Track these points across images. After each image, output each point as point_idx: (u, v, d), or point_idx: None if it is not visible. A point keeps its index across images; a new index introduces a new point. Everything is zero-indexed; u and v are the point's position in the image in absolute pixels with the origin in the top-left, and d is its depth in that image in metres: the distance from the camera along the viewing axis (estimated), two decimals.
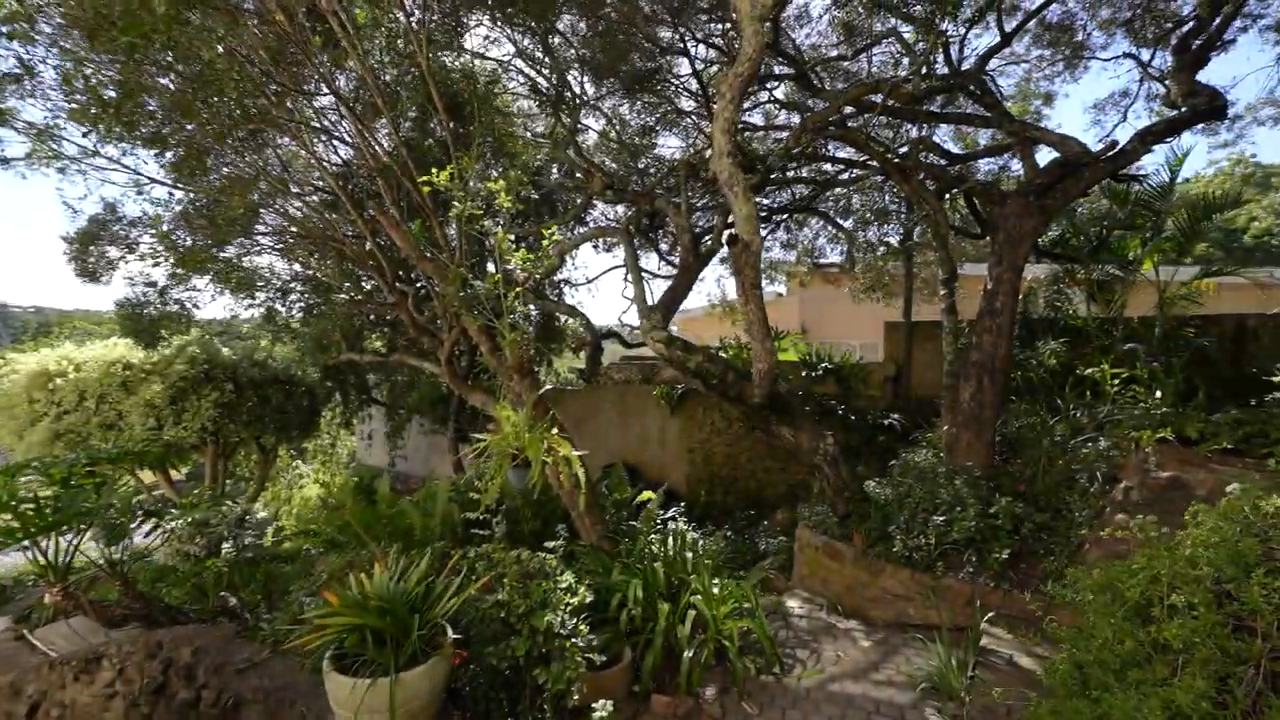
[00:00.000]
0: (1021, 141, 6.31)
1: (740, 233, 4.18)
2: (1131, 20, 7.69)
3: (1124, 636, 1.56)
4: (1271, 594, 1.37)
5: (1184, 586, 1.54)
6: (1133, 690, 1.46)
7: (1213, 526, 1.69)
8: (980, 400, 5.52)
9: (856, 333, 14.61)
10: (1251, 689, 1.31)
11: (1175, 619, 1.51)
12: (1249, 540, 1.53)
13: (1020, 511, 4.49)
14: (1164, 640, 1.50)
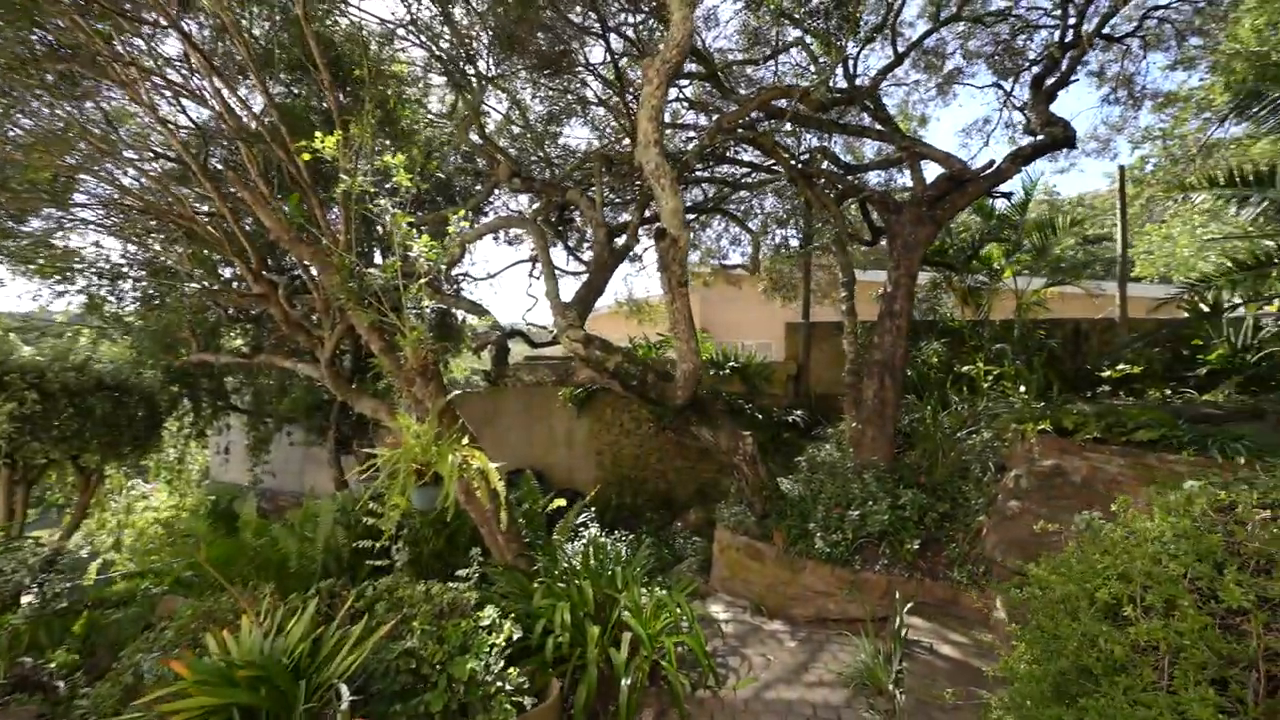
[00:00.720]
0: (911, 156, 6.78)
1: (668, 227, 3.98)
2: (993, 54, 8.61)
3: (1108, 640, 1.55)
4: (1250, 590, 1.40)
5: (1157, 586, 1.56)
6: (1121, 696, 1.44)
7: (1168, 522, 1.74)
8: (882, 397, 5.82)
9: (756, 333, 15.17)
10: (1257, 693, 1.32)
11: (1152, 620, 1.51)
12: (1213, 537, 1.58)
13: (924, 502, 4.76)
14: (1147, 642, 1.51)
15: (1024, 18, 7.86)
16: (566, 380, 5.58)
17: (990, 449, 5.21)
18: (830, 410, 8.89)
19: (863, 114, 7.58)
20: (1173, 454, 3.76)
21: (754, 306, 13.95)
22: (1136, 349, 7.06)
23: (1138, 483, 3.82)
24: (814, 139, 8.57)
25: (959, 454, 5.34)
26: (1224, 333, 7.16)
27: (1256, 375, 6.90)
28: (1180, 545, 1.60)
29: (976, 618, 3.99)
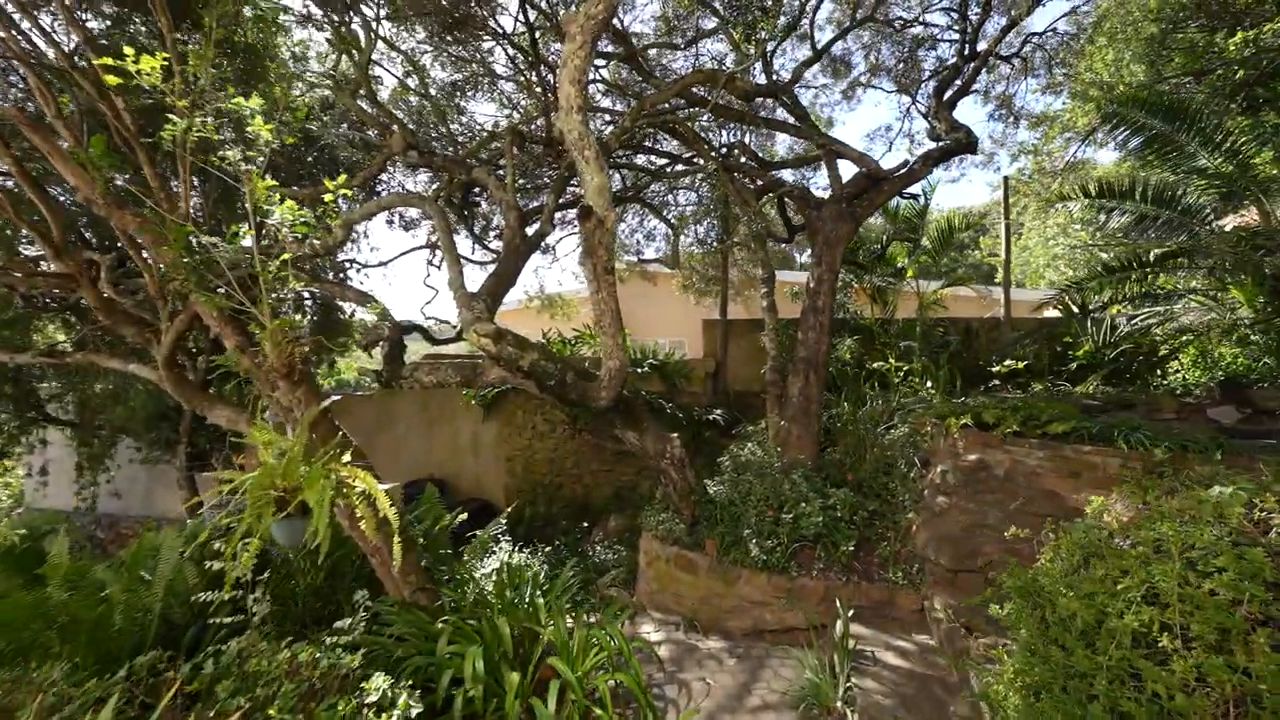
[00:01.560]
0: (828, 154, 6.81)
1: (594, 205, 3.51)
2: (896, 66, 8.99)
3: (1154, 681, 1.31)
4: None
5: (1201, 612, 1.35)
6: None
7: (1197, 534, 1.55)
8: (807, 394, 5.74)
9: (670, 330, 15.06)
10: None
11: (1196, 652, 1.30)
12: (1256, 552, 1.40)
13: (854, 501, 4.67)
14: (1197, 684, 1.29)
15: (925, 33, 8.25)
16: (474, 381, 4.92)
17: (910, 444, 5.26)
18: (748, 408, 8.85)
19: (779, 109, 7.55)
20: (1086, 445, 3.88)
21: (668, 303, 13.80)
22: (1024, 346, 7.62)
23: (1056, 475, 3.92)
24: (732, 134, 8.49)
25: (881, 450, 5.35)
26: (1089, 331, 7.92)
27: (1117, 369, 7.68)
28: (1222, 561, 1.42)
29: (912, 619, 3.91)
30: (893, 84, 9.22)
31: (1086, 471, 3.83)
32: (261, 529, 2.56)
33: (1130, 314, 7.62)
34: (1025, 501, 3.93)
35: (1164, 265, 6.94)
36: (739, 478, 5.64)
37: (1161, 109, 6.15)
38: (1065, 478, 3.88)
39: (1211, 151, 5.93)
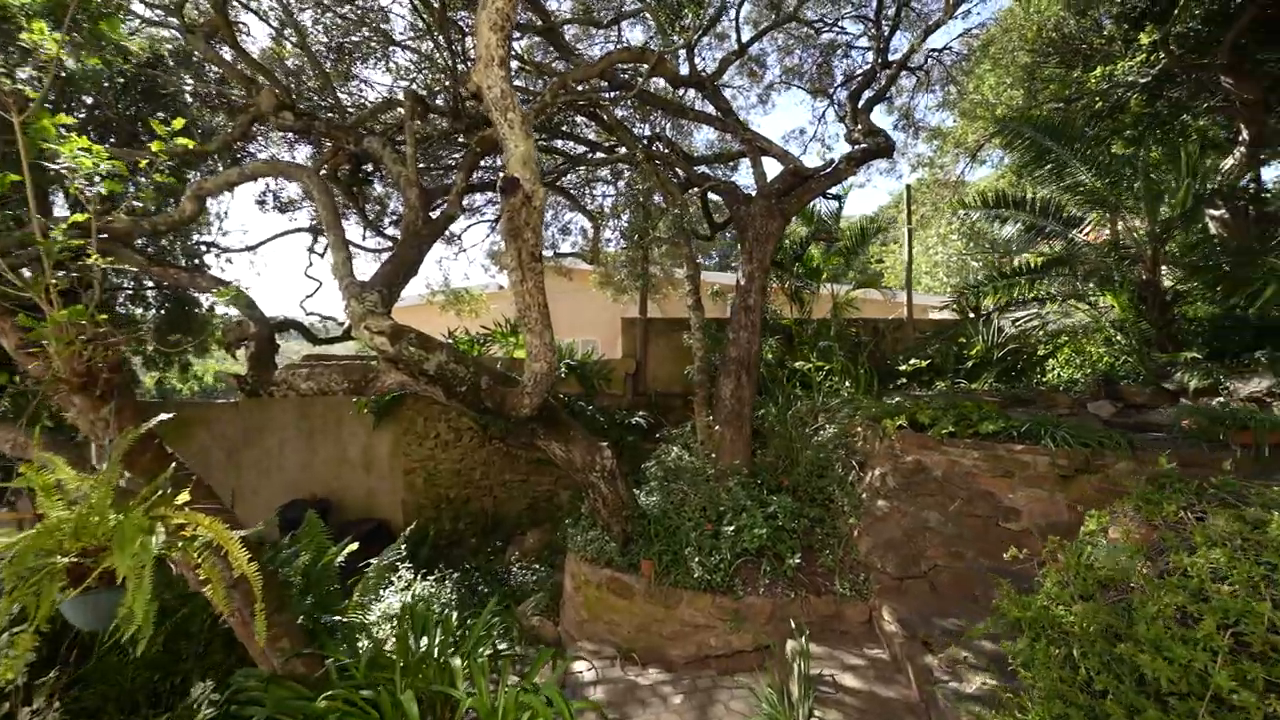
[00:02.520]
0: (753, 150, 6.65)
1: (519, 177, 2.94)
2: (811, 70, 9.14)
3: None
4: None
5: None
6: None
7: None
8: (740, 396, 5.51)
9: (586, 329, 14.54)
10: None
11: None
12: None
13: (794, 508, 4.47)
14: None
15: (839, 40, 8.43)
16: (366, 388, 4.13)
17: (842, 445, 5.19)
18: (669, 410, 8.58)
19: (702, 104, 7.33)
20: (1017, 444, 3.93)
21: (584, 300, 13.26)
22: (933, 346, 7.99)
23: (991, 475, 3.93)
24: (655, 126, 8.16)
25: (814, 452, 5.23)
26: (981, 332, 8.48)
27: (1006, 367, 8.28)
28: None
29: (861, 630, 3.74)
30: (808, 88, 9.39)
31: (1019, 471, 3.87)
32: (40, 616, 1.76)
33: (1016, 316, 8.26)
34: (964, 503, 3.91)
35: (1047, 272, 7.56)
36: (670, 486, 5.28)
37: (1048, 128, 6.64)
38: (999, 477, 3.90)
39: (1088, 169, 6.45)
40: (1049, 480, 3.82)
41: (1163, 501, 1.79)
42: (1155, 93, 8.54)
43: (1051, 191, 7.01)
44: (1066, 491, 3.81)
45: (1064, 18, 9.13)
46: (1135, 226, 6.62)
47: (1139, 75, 8.14)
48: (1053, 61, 9.67)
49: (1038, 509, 3.77)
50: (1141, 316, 6.34)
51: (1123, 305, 6.75)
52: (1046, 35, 9.59)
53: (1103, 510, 2.04)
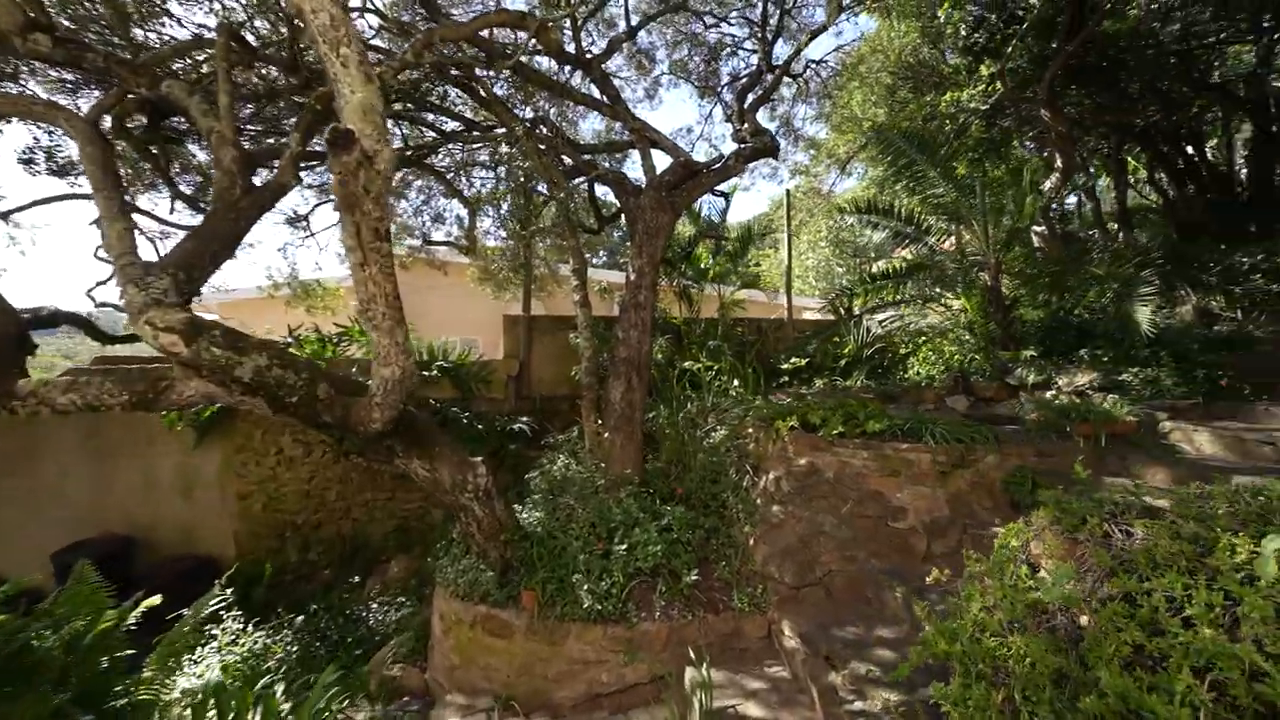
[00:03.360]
0: (642, 141, 6.35)
1: (356, 131, 2.30)
2: (698, 68, 9.09)
3: None
4: None
5: None
6: None
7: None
8: (630, 400, 5.15)
9: (463, 327, 13.49)
10: None
11: None
12: None
13: (689, 518, 4.19)
14: None
15: (726, 39, 8.43)
16: (156, 401, 3.17)
17: (734, 448, 5.04)
18: (555, 414, 8.06)
19: (591, 86, 6.90)
20: (902, 443, 3.97)
21: (461, 297, 12.26)
22: (812, 345, 8.27)
23: (880, 474, 3.93)
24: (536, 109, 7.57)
25: (707, 456, 5.02)
26: (852, 332, 8.98)
27: (874, 365, 8.81)
28: None
29: (760, 646, 3.53)
30: (696, 86, 9.34)
31: (904, 469, 3.90)
32: None
33: (881, 318, 8.83)
34: (855, 504, 3.87)
35: (909, 276, 8.14)
36: (556, 500, 4.80)
37: (914, 139, 7.10)
38: (887, 476, 3.91)
39: (945, 182, 6.98)
40: (931, 477, 3.90)
41: (1085, 514, 1.67)
42: (991, 120, 9.61)
43: (914, 201, 7.52)
44: (945, 487, 3.91)
45: (919, 45, 9.98)
46: (980, 236, 7.26)
47: (980, 103, 9.08)
48: (909, 85, 10.55)
49: (922, 506, 3.82)
50: (989, 318, 6.99)
51: (973, 308, 7.42)
52: (904, 60, 10.44)
53: (1017, 522, 1.91)
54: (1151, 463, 3.87)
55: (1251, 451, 3.81)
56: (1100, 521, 1.61)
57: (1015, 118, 9.80)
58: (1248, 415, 4.39)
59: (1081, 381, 5.87)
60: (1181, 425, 4.24)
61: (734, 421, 5.33)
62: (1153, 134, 10.02)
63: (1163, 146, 10.23)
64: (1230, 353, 5.33)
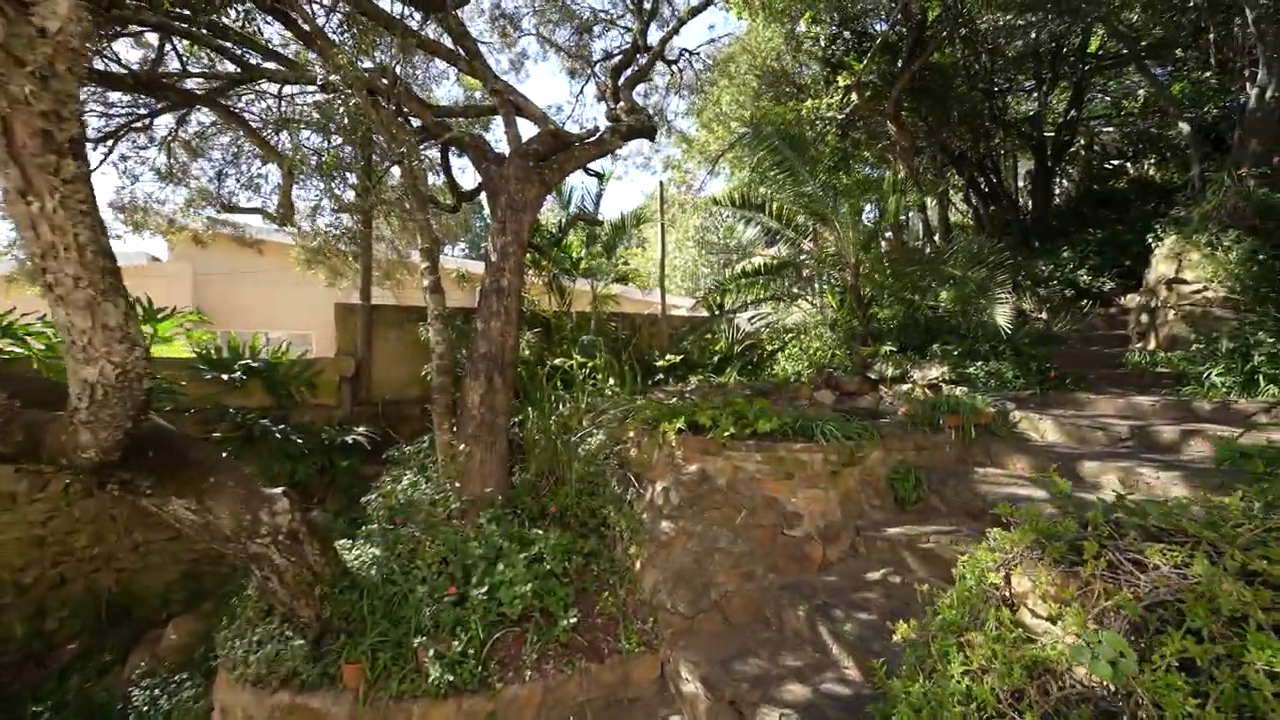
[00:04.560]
0: (506, 106, 5.53)
1: None
2: (571, 38, 8.42)
3: None
4: None
5: None
6: None
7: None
8: (492, 403, 4.35)
9: (297, 320, 11.44)
10: None
11: None
12: None
13: (566, 544, 3.53)
14: None
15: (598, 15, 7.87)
16: None
17: (613, 454, 4.47)
18: (404, 420, 6.90)
19: (444, 35, 5.90)
20: (795, 443, 3.68)
21: (287, 285, 10.32)
22: (687, 341, 8.02)
23: (774, 478, 3.60)
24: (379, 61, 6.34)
25: (584, 465, 4.39)
26: (724, 329, 8.95)
27: (746, 361, 8.86)
28: None
29: (653, 693, 2.99)
30: (567, 65, 8.67)
31: (799, 471, 3.62)
32: None
33: (751, 315, 8.91)
34: (750, 513, 3.50)
35: (778, 273, 8.25)
36: (397, 532, 3.85)
37: (786, 135, 7.12)
38: (782, 480, 3.59)
39: (813, 179, 7.09)
40: (823, 478, 3.66)
41: (1075, 538, 1.33)
42: (845, 131, 10.21)
43: (784, 197, 7.59)
44: (837, 488, 3.70)
45: (783, 51, 10.30)
46: (843, 236, 7.51)
47: (837, 112, 9.58)
48: (771, 93, 10.88)
49: (816, 510, 3.56)
50: (851, 315, 7.25)
51: (838, 305, 7.68)
52: (769, 65, 10.73)
53: (978, 546, 1.55)
54: (1012, 451, 4.02)
55: (1087, 437, 4.12)
56: (1098, 547, 1.27)
57: (865, 131, 10.54)
58: (1076, 404, 4.84)
59: (934, 375, 6.23)
60: (1028, 415, 4.51)
61: (613, 424, 4.77)
62: (968, 158, 11.41)
63: (974, 171, 11.70)
64: (1047, 347, 5.96)
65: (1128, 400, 4.54)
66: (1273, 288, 4.95)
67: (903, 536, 3.28)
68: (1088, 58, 10.30)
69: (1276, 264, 4.99)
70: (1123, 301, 7.37)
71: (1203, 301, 5.33)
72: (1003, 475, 3.78)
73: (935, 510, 3.77)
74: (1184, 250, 5.62)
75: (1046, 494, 3.35)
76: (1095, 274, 7.86)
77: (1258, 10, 5.23)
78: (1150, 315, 5.96)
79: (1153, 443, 3.80)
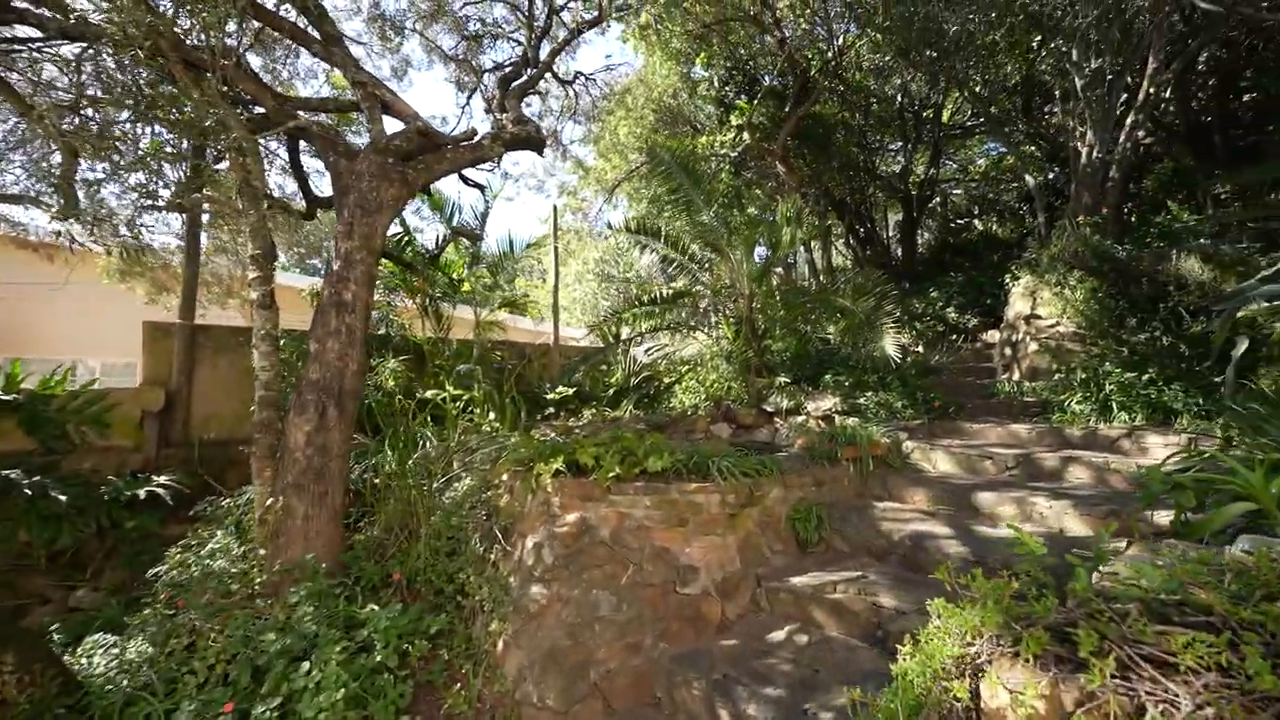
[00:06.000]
0: (370, 99, 4.81)
1: None
2: (457, 46, 7.86)
3: None
4: None
5: None
6: None
7: None
8: (324, 444, 3.48)
9: (106, 347, 9.45)
10: None
11: None
12: None
13: (406, 624, 2.74)
14: None
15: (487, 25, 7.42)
16: None
17: (481, 503, 3.74)
18: (231, 465, 5.63)
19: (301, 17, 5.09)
20: (689, 483, 3.22)
21: (91, 300, 8.48)
22: (581, 372, 7.45)
23: (666, 526, 3.09)
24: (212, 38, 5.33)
25: (444, 517, 3.62)
26: (620, 359, 8.53)
27: (643, 394, 8.45)
28: None
29: None
30: (453, 73, 8.08)
31: (693, 515, 3.14)
32: None
33: (648, 346, 8.58)
34: (637, 569, 2.94)
35: (674, 303, 8.03)
36: (173, 622, 2.85)
37: (684, 163, 6.98)
38: (674, 528, 3.09)
39: (708, 208, 6.99)
40: (720, 522, 3.22)
41: (1069, 628, 0.92)
42: (739, 168, 10.47)
43: (681, 225, 7.42)
44: (735, 532, 3.27)
45: (680, 89, 10.46)
46: (737, 268, 7.44)
47: (730, 149, 9.78)
48: (667, 129, 10.99)
49: (713, 560, 3.09)
50: (747, 346, 7.11)
51: (733, 336, 7.54)
52: (666, 102, 10.85)
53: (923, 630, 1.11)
54: (909, 483, 3.85)
55: (977, 467, 4.08)
56: (1098, 638, 0.87)
57: (757, 171, 10.90)
58: (962, 433, 4.88)
59: (827, 406, 6.17)
60: (920, 445, 4.44)
61: (484, 467, 4.05)
62: (848, 205, 12.20)
63: (853, 218, 12.53)
64: (929, 378, 6.13)
65: (1007, 428, 4.63)
66: (1112, 323, 5.40)
67: (808, 587, 2.89)
68: (942, 126, 11.51)
69: (1113, 302, 5.48)
70: (986, 337, 7.93)
71: (1057, 335, 5.74)
72: (903, 510, 3.57)
73: (838, 552, 3.45)
74: (1037, 288, 6.08)
75: (950, 529, 3.16)
76: (961, 311, 8.45)
77: (1085, 80, 5.92)
78: (1013, 348, 6.36)
79: (1038, 470, 3.80)
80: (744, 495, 3.35)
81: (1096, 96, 5.98)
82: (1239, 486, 1.66)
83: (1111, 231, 6.19)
